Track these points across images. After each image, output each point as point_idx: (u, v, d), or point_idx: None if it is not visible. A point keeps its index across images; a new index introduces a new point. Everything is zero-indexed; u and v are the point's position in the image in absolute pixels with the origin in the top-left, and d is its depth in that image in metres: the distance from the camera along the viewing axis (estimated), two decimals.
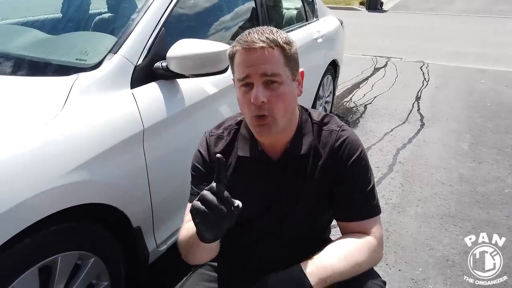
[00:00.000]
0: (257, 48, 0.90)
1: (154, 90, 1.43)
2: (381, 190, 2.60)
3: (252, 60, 0.91)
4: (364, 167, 1.02)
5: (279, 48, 0.92)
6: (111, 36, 1.48)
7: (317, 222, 1.13)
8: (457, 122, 3.85)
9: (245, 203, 1.08)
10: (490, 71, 5.85)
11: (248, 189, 1.05)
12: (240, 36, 0.95)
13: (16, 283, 1.01)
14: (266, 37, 0.91)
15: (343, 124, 1.07)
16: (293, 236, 1.10)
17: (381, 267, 1.86)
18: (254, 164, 1.04)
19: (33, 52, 1.48)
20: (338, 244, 0.98)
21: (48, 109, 1.13)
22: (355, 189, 1.01)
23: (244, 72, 0.92)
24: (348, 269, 0.91)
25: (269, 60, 0.91)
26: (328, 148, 1.02)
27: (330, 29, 3.33)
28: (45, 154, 1.04)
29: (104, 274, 1.30)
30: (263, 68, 0.90)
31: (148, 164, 1.33)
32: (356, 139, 1.04)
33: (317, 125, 1.05)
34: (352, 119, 3.93)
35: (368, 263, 0.97)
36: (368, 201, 1.01)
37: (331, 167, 1.01)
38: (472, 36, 8.89)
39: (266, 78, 0.91)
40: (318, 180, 1.02)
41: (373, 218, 1.01)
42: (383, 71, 5.85)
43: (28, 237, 1.01)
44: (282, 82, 0.93)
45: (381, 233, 1.01)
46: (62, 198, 1.07)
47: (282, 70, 0.93)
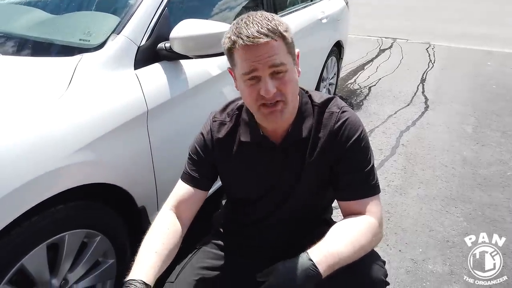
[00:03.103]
0: (262, 43, 0.89)
1: (158, 71, 1.43)
2: (384, 172, 2.61)
3: (259, 54, 0.90)
4: (363, 148, 1.03)
5: (281, 38, 0.92)
6: (114, 16, 1.47)
7: (317, 202, 1.15)
8: (461, 105, 3.82)
9: (248, 185, 1.12)
10: (497, 53, 5.77)
11: (251, 172, 1.09)
12: (236, 27, 0.92)
13: (25, 259, 1.04)
14: (267, 29, 0.89)
15: (345, 105, 1.07)
16: (294, 215, 1.12)
17: (381, 248, 1.89)
18: (256, 148, 1.07)
19: (37, 32, 1.48)
20: (342, 228, 0.98)
21: (54, 89, 1.14)
22: (355, 169, 1.02)
23: (250, 67, 0.91)
24: (353, 254, 0.93)
25: (275, 52, 0.91)
26: (328, 130, 1.03)
27: (335, 10, 3.28)
28: (51, 134, 1.05)
29: (110, 252, 1.33)
30: (272, 60, 0.91)
31: (152, 145, 1.35)
32: (356, 121, 1.04)
33: (318, 107, 1.06)
34: (356, 101, 3.91)
35: (371, 245, 0.98)
36: (367, 181, 1.02)
37: (330, 148, 1.03)
38: (481, 17, 8.73)
39: (274, 69, 0.91)
40: (317, 161, 1.04)
41: (372, 197, 1.02)
42: (389, 53, 5.79)
43: (36, 215, 1.03)
44: (287, 70, 0.94)
45: (381, 212, 1.02)
46: (68, 178, 1.09)
47: (286, 58, 0.93)
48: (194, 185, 1.11)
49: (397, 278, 1.74)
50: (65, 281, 1.20)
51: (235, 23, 0.95)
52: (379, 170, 2.63)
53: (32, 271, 1.08)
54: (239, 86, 0.99)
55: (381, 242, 1.88)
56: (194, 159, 1.13)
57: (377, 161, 2.75)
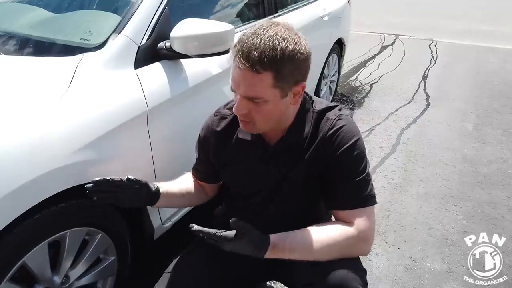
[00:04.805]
0: (242, 70, 0.88)
1: (158, 70, 1.44)
2: (384, 170, 2.62)
3: (238, 78, 0.91)
4: (355, 157, 1.01)
5: (272, 71, 0.88)
6: (114, 15, 1.48)
7: (309, 207, 1.15)
8: (463, 102, 3.82)
9: (240, 180, 1.14)
10: (500, 50, 5.75)
11: (243, 168, 1.12)
12: (246, 38, 0.90)
13: (27, 257, 1.06)
14: (259, 59, 0.86)
15: (343, 113, 1.06)
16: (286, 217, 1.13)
17: (380, 245, 1.91)
18: (251, 146, 1.08)
19: (38, 31, 1.49)
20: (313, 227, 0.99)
21: (55, 89, 1.15)
22: (343, 178, 1.00)
23: (232, 84, 0.93)
24: (306, 252, 0.95)
25: (254, 84, 0.89)
26: (321, 135, 1.03)
27: (337, 7, 3.27)
28: (52, 133, 1.07)
29: (111, 249, 1.35)
30: (246, 92, 0.91)
31: (152, 144, 1.36)
32: (351, 129, 1.02)
33: (317, 114, 1.06)
34: (357, 99, 3.91)
35: (338, 252, 0.97)
36: (356, 191, 1.00)
37: (321, 154, 1.02)
38: (484, 13, 8.68)
39: (248, 97, 0.92)
40: (307, 165, 1.04)
41: (360, 209, 0.99)
42: (391, 49, 5.77)
43: (38, 213, 1.05)
44: (267, 101, 0.92)
45: (367, 226, 0.98)
46: (69, 177, 1.10)
47: (268, 92, 0.91)
48: (200, 179, 1.22)
49: (395, 276, 1.75)
50: (66, 278, 1.22)
51: (247, 31, 0.93)
52: (379, 168, 2.64)
53: (34, 268, 1.10)
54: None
55: (380, 240, 1.93)
56: (198, 155, 1.21)
57: (378, 158, 2.76)
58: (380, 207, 2.22)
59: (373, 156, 2.77)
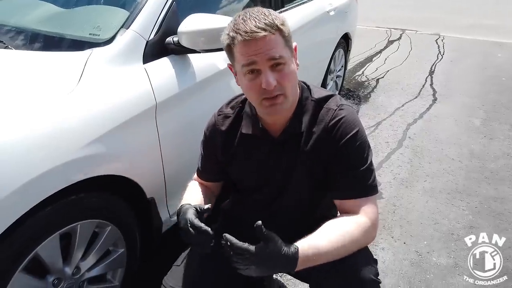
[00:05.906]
0: (260, 37, 0.91)
1: (166, 65, 1.45)
2: (390, 165, 2.62)
3: (257, 48, 0.92)
4: (358, 147, 1.02)
5: (278, 31, 0.94)
6: (123, 10, 1.49)
7: (314, 199, 1.16)
8: (470, 97, 3.80)
9: (246, 176, 1.15)
10: (508, 45, 5.70)
11: (249, 164, 1.13)
12: (234, 23, 0.95)
13: (39, 248, 1.08)
14: (265, 24, 0.91)
15: (344, 103, 1.07)
16: (291, 211, 1.14)
17: (386, 240, 1.91)
18: (256, 140, 1.09)
19: (47, 26, 1.50)
20: (330, 226, 0.98)
21: (65, 83, 1.17)
22: (348, 168, 1.01)
23: (249, 60, 0.93)
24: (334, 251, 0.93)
25: (273, 46, 0.93)
26: (322, 126, 1.04)
27: (343, 1, 3.25)
28: (63, 128, 1.08)
29: (120, 242, 1.37)
30: (271, 53, 0.92)
31: (160, 138, 1.38)
32: (352, 119, 1.03)
33: (315, 102, 1.07)
34: (363, 94, 3.90)
35: (358, 244, 0.98)
36: (361, 181, 1.01)
37: (324, 145, 1.03)
38: (492, 7, 8.58)
39: (273, 61, 0.93)
40: (309, 157, 1.05)
41: (366, 198, 1.01)
42: (397, 44, 5.74)
43: (49, 205, 1.07)
44: (286, 62, 0.95)
45: (375, 213, 1.01)
46: (79, 170, 1.12)
47: (284, 51, 0.95)
48: (206, 179, 1.22)
49: (401, 270, 1.76)
50: (77, 269, 1.25)
51: (232, 20, 0.97)
52: (386, 163, 2.64)
53: (46, 259, 1.12)
54: (240, 81, 1.01)
55: (386, 234, 1.94)
56: (204, 154, 1.20)
57: (384, 154, 2.75)
58: (386, 202, 2.23)
59: (379, 151, 2.77)
